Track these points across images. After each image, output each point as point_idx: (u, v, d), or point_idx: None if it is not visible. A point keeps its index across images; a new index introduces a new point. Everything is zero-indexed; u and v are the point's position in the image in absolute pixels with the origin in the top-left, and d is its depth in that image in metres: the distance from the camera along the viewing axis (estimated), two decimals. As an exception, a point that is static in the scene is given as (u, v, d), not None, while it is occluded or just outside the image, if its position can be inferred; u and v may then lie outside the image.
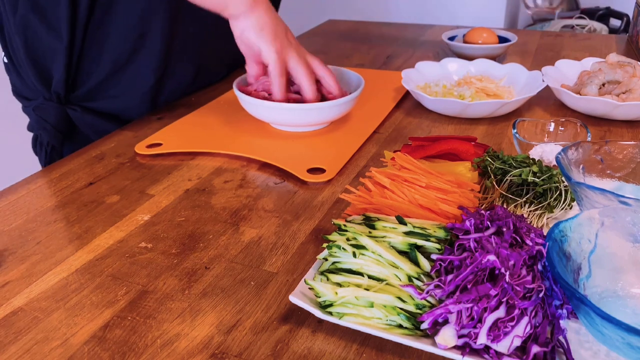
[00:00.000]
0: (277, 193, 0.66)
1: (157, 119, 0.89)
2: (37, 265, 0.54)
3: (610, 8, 2.37)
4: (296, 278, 0.51)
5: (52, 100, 0.89)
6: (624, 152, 0.57)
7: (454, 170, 0.59)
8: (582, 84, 0.86)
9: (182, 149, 0.77)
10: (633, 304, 0.44)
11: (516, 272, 0.42)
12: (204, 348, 0.44)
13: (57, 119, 0.89)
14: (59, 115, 0.89)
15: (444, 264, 0.44)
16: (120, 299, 0.49)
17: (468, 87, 0.89)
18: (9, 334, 0.46)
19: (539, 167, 0.58)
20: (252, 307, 0.48)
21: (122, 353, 0.43)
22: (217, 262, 0.54)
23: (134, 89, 0.90)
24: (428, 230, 0.47)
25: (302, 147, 0.77)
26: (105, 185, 0.69)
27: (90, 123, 0.90)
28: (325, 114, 0.77)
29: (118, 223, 0.61)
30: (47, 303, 0.49)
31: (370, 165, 0.71)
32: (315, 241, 0.57)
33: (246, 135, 0.80)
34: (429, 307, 0.42)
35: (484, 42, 1.16)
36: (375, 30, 1.48)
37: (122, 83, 0.89)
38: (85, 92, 0.89)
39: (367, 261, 0.45)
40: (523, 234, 0.45)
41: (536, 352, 0.39)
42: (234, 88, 0.80)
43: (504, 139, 0.78)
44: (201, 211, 0.62)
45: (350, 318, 0.43)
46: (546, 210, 0.55)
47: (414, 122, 0.85)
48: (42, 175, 0.72)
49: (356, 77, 0.86)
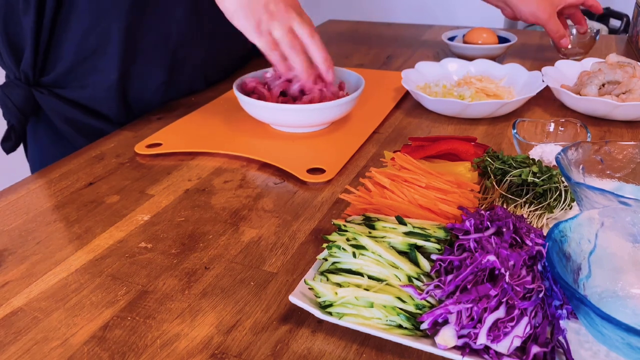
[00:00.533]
0: (277, 193, 0.66)
1: (157, 119, 0.89)
2: (37, 265, 0.54)
3: (610, 8, 2.37)
4: (296, 278, 0.51)
5: (20, 79, 0.87)
6: (623, 153, 0.57)
7: (453, 171, 0.59)
8: (582, 84, 0.86)
9: (182, 149, 0.77)
10: (633, 304, 0.44)
11: (516, 272, 0.42)
12: (203, 348, 0.44)
13: (22, 99, 0.87)
14: (24, 96, 0.87)
15: (444, 264, 0.44)
16: (120, 299, 0.49)
17: (468, 87, 0.89)
18: (8, 334, 0.46)
19: (539, 167, 0.58)
20: (252, 307, 0.48)
21: (122, 353, 0.43)
22: (217, 262, 0.54)
23: (98, 83, 0.88)
24: (428, 230, 0.47)
25: (302, 147, 0.77)
26: (105, 185, 0.69)
27: (57, 108, 0.88)
28: (325, 115, 0.77)
29: (118, 223, 0.61)
30: (47, 303, 0.49)
31: (370, 166, 0.71)
32: (315, 241, 0.57)
33: (246, 135, 0.80)
34: (428, 307, 0.42)
35: (483, 43, 1.16)
36: (375, 30, 1.48)
37: (87, 75, 0.88)
38: (54, 78, 0.88)
39: (367, 261, 0.45)
40: (523, 234, 0.45)
41: (536, 353, 0.39)
42: (234, 89, 0.80)
43: (504, 139, 0.78)
44: (201, 211, 0.62)
45: (350, 318, 0.43)
46: (546, 210, 0.55)
47: (413, 122, 0.85)
48: (42, 175, 0.72)
49: (356, 78, 0.86)
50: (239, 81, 0.84)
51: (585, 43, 1.12)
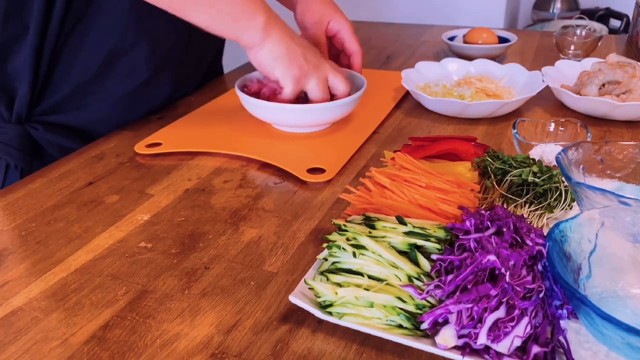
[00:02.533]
0: (277, 193, 0.66)
1: (157, 118, 0.89)
2: (37, 265, 0.54)
3: (610, 8, 2.37)
4: (296, 278, 0.51)
5: (11, 122, 0.84)
6: (624, 153, 0.57)
7: (454, 170, 0.59)
8: (582, 84, 0.86)
9: (182, 149, 0.77)
10: (633, 304, 0.44)
11: (516, 272, 0.42)
12: (203, 348, 0.44)
13: (19, 140, 0.84)
14: (20, 137, 0.84)
15: (444, 264, 0.44)
16: (120, 298, 0.49)
17: (468, 87, 0.89)
18: (8, 333, 0.46)
19: (539, 167, 0.58)
20: (252, 307, 0.48)
21: (122, 353, 0.43)
22: (217, 262, 0.54)
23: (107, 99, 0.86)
24: (428, 230, 0.47)
25: (302, 147, 0.77)
26: (105, 185, 0.69)
27: (54, 142, 0.85)
28: (326, 115, 0.77)
29: (118, 223, 0.61)
30: (47, 303, 0.49)
31: (370, 165, 0.71)
32: (315, 241, 0.57)
33: (246, 135, 0.80)
34: (429, 307, 0.42)
35: (483, 43, 1.16)
36: (375, 30, 1.47)
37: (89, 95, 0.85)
38: (51, 105, 0.84)
39: (367, 261, 0.45)
40: (523, 234, 0.45)
41: (536, 353, 0.39)
42: (236, 89, 0.80)
43: (504, 139, 0.78)
44: (201, 211, 0.62)
45: (350, 318, 0.43)
46: (546, 210, 0.55)
47: (413, 122, 0.85)
48: (42, 175, 0.72)
49: (359, 78, 0.86)
50: (241, 81, 0.83)
51: (587, 46, 1.12)
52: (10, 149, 0.83)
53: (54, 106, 0.85)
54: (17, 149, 0.84)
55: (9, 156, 0.84)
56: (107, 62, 0.83)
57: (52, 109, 0.85)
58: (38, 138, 0.85)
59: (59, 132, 0.86)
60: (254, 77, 0.85)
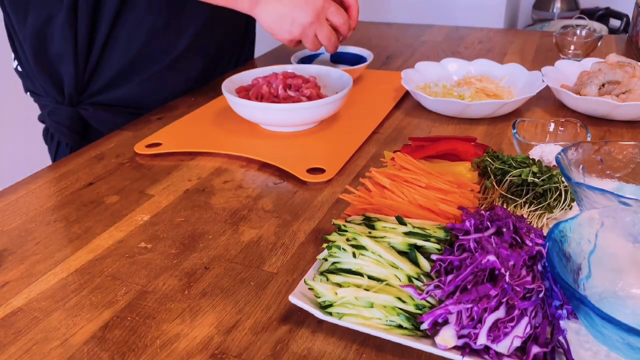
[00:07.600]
0: (276, 193, 0.66)
1: (157, 119, 0.89)
2: (37, 266, 0.54)
3: (610, 8, 2.37)
4: (296, 278, 0.51)
5: (64, 103, 0.92)
6: (623, 153, 0.57)
7: (453, 171, 0.59)
8: (582, 84, 0.86)
9: (182, 149, 0.77)
10: (633, 305, 0.44)
11: (516, 272, 0.42)
12: (203, 348, 0.44)
13: (71, 121, 0.93)
14: (72, 117, 0.93)
15: (444, 265, 0.44)
16: (120, 299, 0.49)
17: (468, 88, 0.89)
18: (8, 334, 0.46)
19: (539, 167, 0.58)
20: (252, 308, 0.48)
21: (122, 353, 0.43)
22: (217, 262, 0.54)
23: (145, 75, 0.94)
24: (428, 230, 0.47)
25: (301, 147, 0.76)
26: (105, 186, 0.69)
27: (102, 119, 0.93)
28: (312, 114, 0.77)
29: (118, 223, 0.61)
30: (47, 303, 0.49)
31: (370, 166, 0.71)
32: (315, 241, 0.57)
33: (246, 136, 0.80)
34: (428, 307, 0.42)
35: None
36: (375, 30, 1.47)
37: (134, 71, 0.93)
38: (99, 87, 0.92)
39: (367, 261, 0.45)
40: (523, 235, 0.45)
41: (536, 353, 0.39)
42: (222, 90, 0.80)
43: (504, 139, 0.78)
44: (201, 211, 0.62)
45: (350, 318, 0.43)
46: (546, 210, 0.55)
47: (413, 122, 0.85)
48: (42, 176, 0.72)
49: (345, 77, 0.86)
50: (229, 82, 0.84)
51: (587, 46, 1.12)
52: (62, 128, 0.93)
53: (100, 88, 0.93)
54: (68, 128, 0.93)
55: (61, 134, 0.94)
56: (145, 44, 0.91)
57: (99, 90, 0.93)
58: (88, 117, 0.93)
59: (108, 110, 0.94)
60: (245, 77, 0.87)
